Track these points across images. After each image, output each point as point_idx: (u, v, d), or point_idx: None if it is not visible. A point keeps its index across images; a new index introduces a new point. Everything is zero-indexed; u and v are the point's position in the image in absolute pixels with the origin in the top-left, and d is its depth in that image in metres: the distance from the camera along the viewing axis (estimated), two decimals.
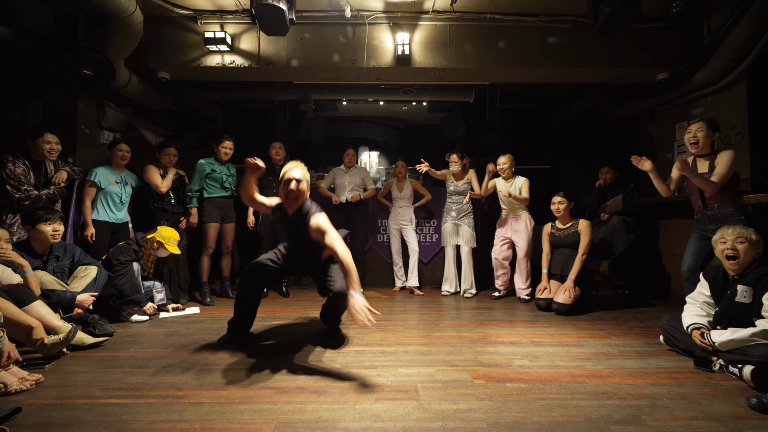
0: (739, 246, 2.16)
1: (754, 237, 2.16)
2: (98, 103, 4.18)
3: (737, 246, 2.16)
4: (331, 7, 3.91)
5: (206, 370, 2.13)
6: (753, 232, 2.18)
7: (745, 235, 2.17)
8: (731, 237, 2.20)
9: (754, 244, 2.16)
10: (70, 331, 2.24)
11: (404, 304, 3.90)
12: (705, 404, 1.76)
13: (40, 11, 3.49)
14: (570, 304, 3.34)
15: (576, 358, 2.36)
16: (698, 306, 2.36)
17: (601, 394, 1.85)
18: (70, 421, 1.59)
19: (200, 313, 3.44)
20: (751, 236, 2.16)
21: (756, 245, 2.16)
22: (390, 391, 1.87)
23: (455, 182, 4.33)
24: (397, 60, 4.11)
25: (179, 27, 4.07)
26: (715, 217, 2.76)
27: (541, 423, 1.59)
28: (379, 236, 4.94)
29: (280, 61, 4.12)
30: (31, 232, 2.72)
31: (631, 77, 4.41)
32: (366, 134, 7.89)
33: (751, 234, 2.17)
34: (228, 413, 1.65)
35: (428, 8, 3.99)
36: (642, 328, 3.01)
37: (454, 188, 4.33)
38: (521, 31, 4.11)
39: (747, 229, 2.19)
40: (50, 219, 2.72)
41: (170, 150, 3.79)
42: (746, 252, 2.14)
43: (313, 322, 3.14)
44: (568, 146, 6.23)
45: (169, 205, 3.71)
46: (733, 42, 3.51)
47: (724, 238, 2.23)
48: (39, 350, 2.17)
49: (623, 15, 3.22)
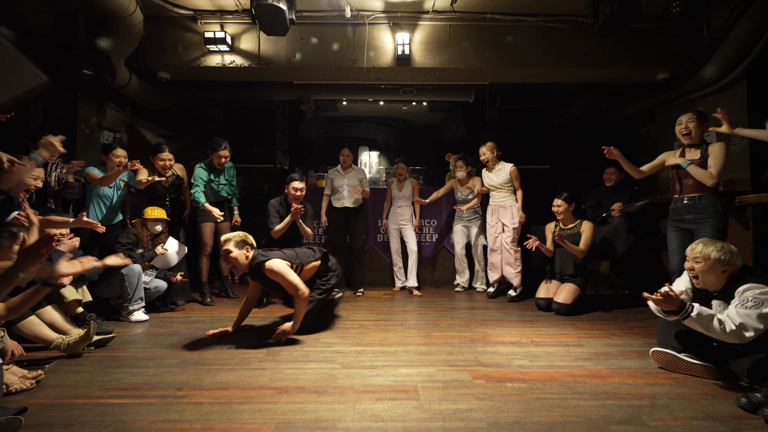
0: (696, 266, 2.02)
1: (713, 255, 1.96)
2: (98, 103, 4.18)
3: (695, 266, 2.04)
4: (331, 7, 3.91)
5: (206, 370, 2.13)
6: (715, 250, 1.97)
7: (705, 253, 1.99)
8: (692, 255, 2.06)
9: (717, 262, 1.96)
10: (91, 327, 2.32)
11: (404, 304, 3.90)
12: (705, 404, 1.76)
13: (40, 11, 3.49)
14: (570, 304, 3.34)
15: (576, 358, 2.36)
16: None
17: (601, 394, 1.85)
18: (70, 421, 1.59)
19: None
20: (710, 255, 1.97)
21: (720, 263, 1.96)
22: (390, 391, 1.87)
23: (462, 192, 4.37)
24: (397, 60, 4.11)
25: (179, 27, 4.07)
26: (695, 207, 2.78)
27: (541, 423, 1.59)
28: (378, 236, 4.94)
29: (280, 61, 4.12)
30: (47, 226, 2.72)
31: (631, 77, 4.42)
32: (366, 134, 7.89)
33: (711, 252, 1.97)
34: (228, 413, 1.65)
35: (428, 8, 3.99)
36: (642, 328, 3.01)
37: (461, 196, 4.37)
38: (521, 31, 4.11)
39: (709, 246, 2.00)
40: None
41: (164, 155, 3.68)
42: (705, 272, 2.00)
43: (313, 322, 3.14)
44: (568, 146, 6.23)
45: (165, 208, 3.69)
46: (733, 42, 3.51)
47: (689, 254, 2.09)
48: (63, 351, 2.25)
49: (623, 15, 3.23)
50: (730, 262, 1.97)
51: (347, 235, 4.46)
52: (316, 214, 4.21)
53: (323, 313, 3.01)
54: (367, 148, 7.95)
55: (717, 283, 2.01)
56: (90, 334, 2.30)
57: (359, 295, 4.27)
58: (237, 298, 3.94)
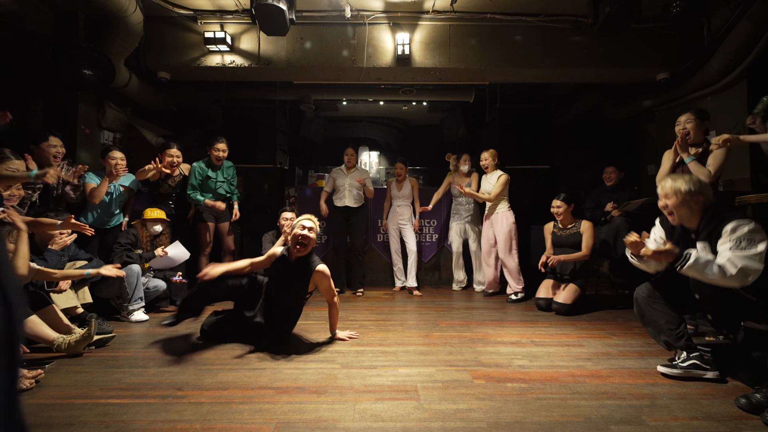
0: (669, 201, 2.01)
1: (684, 187, 1.95)
2: (98, 103, 4.18)
3: (668, 203, 2.02)
4: (331, 7, 3.91)
5: (206, 370, 2.13)
6: (684, 182, 1.97)
7: (675, 187, 1.98)
8: (662, 193, 2.05)
9: (689, 194, 1.95)
10: (91, 326, 2.33)
11: (404, 304, 3.90)
12: (705, 404, 1.76)
13: (40, 11, 3.49)
14: (570, 304, 3.34)
15: (576, 358, 2.36)
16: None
17: (601, 394, 1.85)
18: (70, 421, 1.59)
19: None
20: (681, 188, 1.96)
21: (692, 194, 1.94)
22: (390, 391, 1.87)
23: (458, 186, 4.41)
24: (397, 60, 4.11)
25: (179, 27, 4.07)
26: None
27: (541, 423, 1.59)
28: (378, 236, 4.94)
29: (280, 61, 4.12)
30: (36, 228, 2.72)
31: (631, 77, 4.42)
32: (366, 134, 7.89)
33: (681, 185, 1.97)
34: (228, 413, 1.65)
35: (428, 8, 3.99)
36: (642, 328, 2.99)
37: (458, 192, 4.42)
38: (521, 31, 4.11)
39: (678, 180, 2.00)
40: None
41: (173, 151, 3.70)
42: (678, 207, 1.98)
43: (313, 321, 3.14)
44: (568, 146, 6.23)
45: (168, 208, 3.69)
46: (733, 42, 3.51)
47: (660, 193, 2.08)
48: (64, 351, 2.26)
49: (623, 15, 3.23)
50: (702, 192, 1.95)
51: (347, 235, 4.46)
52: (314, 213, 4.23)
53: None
54: (367, 148, 7.94)
55: (692, 217, 1.98)
56: (91, 333, 2.31)
57: (359, 295, 4.27)
58: None
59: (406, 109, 6.91)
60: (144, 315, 3.13)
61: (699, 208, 1.96)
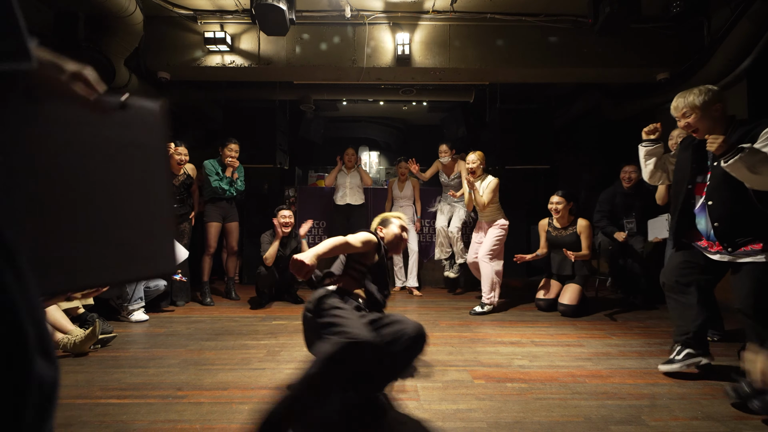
0: (690, 120, 1.93)
1: (698, 101, 1.89)
2: None
3: (689, 121, 1.94)
4: (331, 7, 3.91)
5: (206, 370, 2.13)
6: (695, 95, 1.91)
7: (689, 102, 1.92)
8: (679, 114, 1.99)
9: (705, 104, 1.89)
10: (96, 325, 2.33)
11: (404, 304, 3.90)
12: (705, 404, 1.76)
13: (40, 11, 3.49)
14: (576, 305, 3.32)
15: (576, 358, 2.36)
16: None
17: (601, 394, 1.85)
18: (70, 421, 1.59)
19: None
20: (695, 102, 1.90)
21: (708, 103, 1.88)
22: (390, 391, 1.87)
23: (446, 175, 4.35)
24: (397, 60, 4.11)
25: (179, 27, 4.07)
26: None
27: (541, 423, 1.59)
28: None
29: (280, 61, 4.11)
30: None
31: (631, 77, 4.41)
32: (366, 134, 7.89)
33: (694, 99, 1.91)
34: (228, 413, 1.65)
35: (428, 8, 3.98)
36: (642, 328, 3.01)
37: (445, 181, 4.36)
38: (521, 31, 4.11)
39: (688, 96, 1.94)
40: None
41: (181, 149, 3.68)
42: (699, 121, 1.91)
43: None
44: (568, 146, 6.23)
45: None
46: (733, 42, 3.51)
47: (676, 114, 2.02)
48: (69, 351, 2.27)
49: (623, 15, 3.23)
50: (719, 98, 1.90)
51: (348, 234, 4.47)
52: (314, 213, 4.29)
53: None
54: (367, 148, 7.95)
55: (716, 127, 1.91)
56: (95, 332, 2.31)
57: None
58: (238, 300, 3.93)
59: (406, 109, 6.91)
60: (144, 315, 3.14)
61: (720, 115, 1.90)
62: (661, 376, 2.08)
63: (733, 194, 1.86)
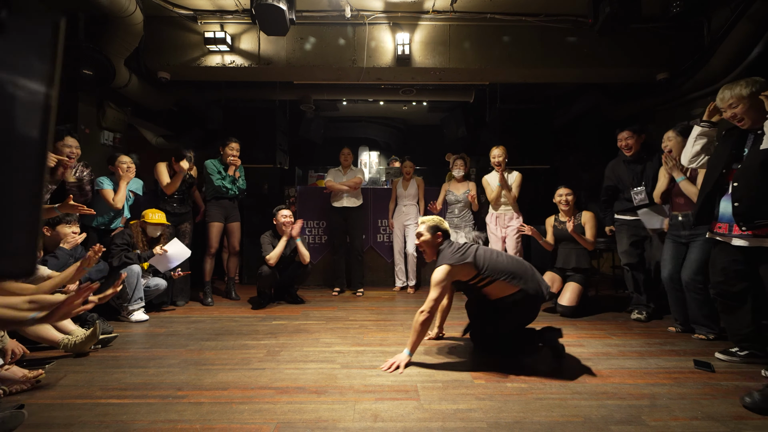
0: (737, 110, 2.03)
1: (745, 92, 1.99)
2: (98, 103, 4.18)
3: (736, 112, 2.03)
4: (331, 7, 3.91)
5: (206, 370, 2.13)
6: (741, 87, 2.01)
7: (736, 94, 2.02)
8: (725, 105, 2.08)
9: (752, 95, 1.98)
10: (96, 326, 2.33)
11: (404, 304, 3.90)
12: (705, 404, 1.76)
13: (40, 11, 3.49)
14: (575, 306, 3.31)
15: (576, 358, 2.36)
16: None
17: (601, 394, 1.85)
18: (70, 421, 1.59)
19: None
20: (743, 93, 2.00)
21: (756, 94, 1.97)
22: (390, 391, 1.87)
23: (455, 192, 4.18)
24: (397, 60, 4.11)
25: (179, 27, 4.07)
26: (688, 224, 2.74)
27: (541, 423, 1.59)
28: (379, 236, 4.94)
29: (280, 61, 4.12)
30: (51, 233, 2.72)
31: (631, 77, 4.41)
32: (366, 134, 7.89)
33: (742, 90, 2.00)
34: (228, 413, 1.65)
35: (428, 8, 3.99)
36: (642, 328, 3.01)
37: (454, 197, 4.16)
38: (521, 31, 4.11)
39: (735, 87, 2.03)
40: (71, 221, 2.76)
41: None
42: (748, 111, 2.01)
43: (313, 321, 3.14)
44: (568, 146, 6.23)
45: (171, 207, 3.69)
46: (733, 42, 3.51)
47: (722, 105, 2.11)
48: (70, 351, 2.27)
49: (623, 15, 3.23)
50: (765, 86, 1.98)
51: (346, 235, 4.47)
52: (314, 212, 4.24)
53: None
54: (367, 148, 7.95)
55: (761, 117, 1.98)
56: (96, 333, 2.31)
57: (359, 295, 4.27)
58: (239, 300, 3.93)
59: (406, 109, 6.91)
60: (144, 315, 3.14)
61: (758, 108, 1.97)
62: (661, 376, 2.08)
63: (760, 177, 1.92)
